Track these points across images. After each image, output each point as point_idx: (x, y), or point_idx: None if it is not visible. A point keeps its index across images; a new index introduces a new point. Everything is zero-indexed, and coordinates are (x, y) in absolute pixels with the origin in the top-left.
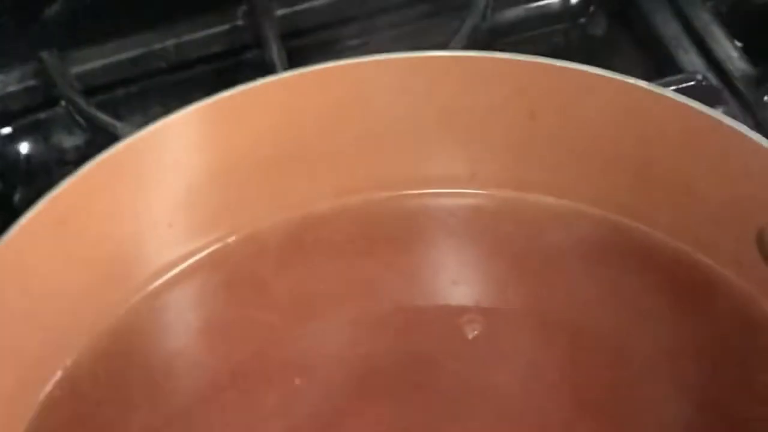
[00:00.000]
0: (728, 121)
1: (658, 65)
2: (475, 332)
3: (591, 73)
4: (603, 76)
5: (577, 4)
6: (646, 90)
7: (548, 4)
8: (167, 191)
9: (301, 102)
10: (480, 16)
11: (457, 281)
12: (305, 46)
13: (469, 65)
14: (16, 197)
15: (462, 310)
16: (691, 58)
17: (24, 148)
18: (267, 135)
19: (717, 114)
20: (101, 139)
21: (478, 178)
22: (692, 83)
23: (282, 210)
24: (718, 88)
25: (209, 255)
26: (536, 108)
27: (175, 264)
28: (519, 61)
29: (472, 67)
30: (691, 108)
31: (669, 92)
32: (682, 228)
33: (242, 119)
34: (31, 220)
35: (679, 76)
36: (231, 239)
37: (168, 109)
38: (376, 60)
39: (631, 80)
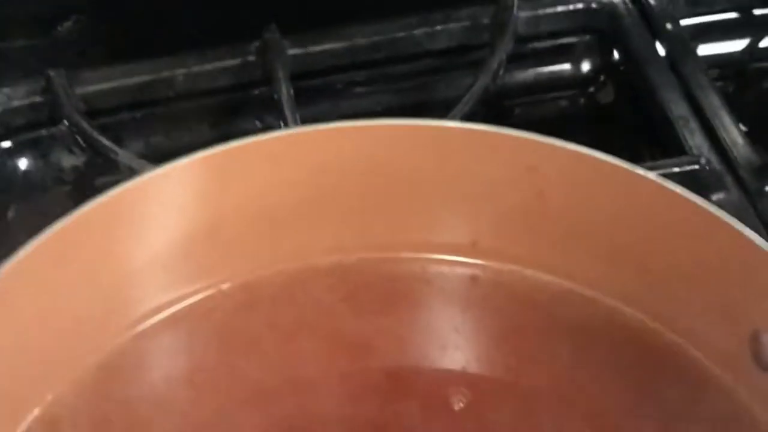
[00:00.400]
0: (730, 219)
1: (663, 142)
2: (461, 404)
3: (602, 160)
4: (613, 165)
5: (588, 73)
6: (654, 183)
7: (560, 71)
8: (165, 235)
9: (307, 158)
10: (491, 77)
11: (445, 347)
12: (313, 87)
13: (481, 138)
14: (10, 214)
15: (449, 377)
16: (696, 140)
17: (22, 164)
18: (269, 187)
19: (719, 212)
20: (100, 161)
21: (479, 248)
22: (696, 167)
23: (278, 262)
24: (721, 173)
25: (201, 301)
26: (545, 187)
27: (167, 306)
28: (532, 140)
29: (484, 141)
30: (697, 205)
31: (677, 188)
32: (677, 321)
33: (246, 171)
34: (27, 256)
35: (683, 158)
36: (225, 286)
37: (170, 138)
38: (386, 124)
39: (641, 171)
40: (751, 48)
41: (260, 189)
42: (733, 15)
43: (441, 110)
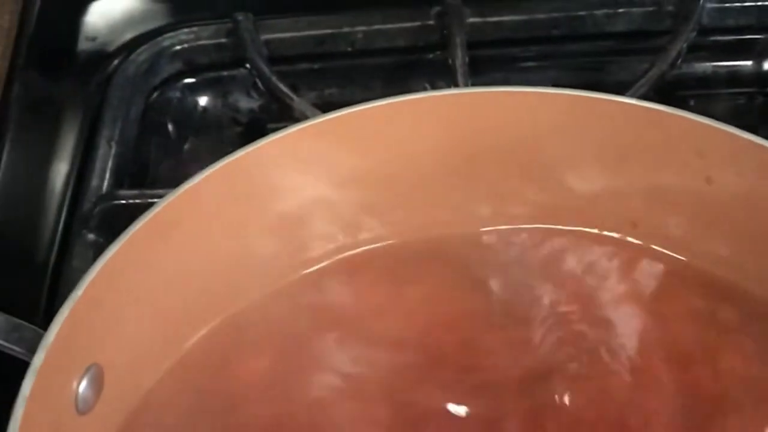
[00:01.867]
0: None
1: None
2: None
3: None
4: None
5: None
6: None
7: (740, 67)
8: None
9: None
10: (669, 64)
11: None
12: (487, 57)
13: (654, 117)
14: (186, 147)
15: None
16: None
17: (202, 101)
18: (438, 145)
19: None
20: (275, 107)
21: (640, 230)
22: None
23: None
24: None
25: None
26: (713, 174)
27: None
28: (704, 123)
29: (653, 119)
30: None
31: None
32: None
33: (417, 126)
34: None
35: None
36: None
37: (343, 92)
38: (564, 93)
39: None
40: None
41: (430, 145)
42: None
43: (612, 93)
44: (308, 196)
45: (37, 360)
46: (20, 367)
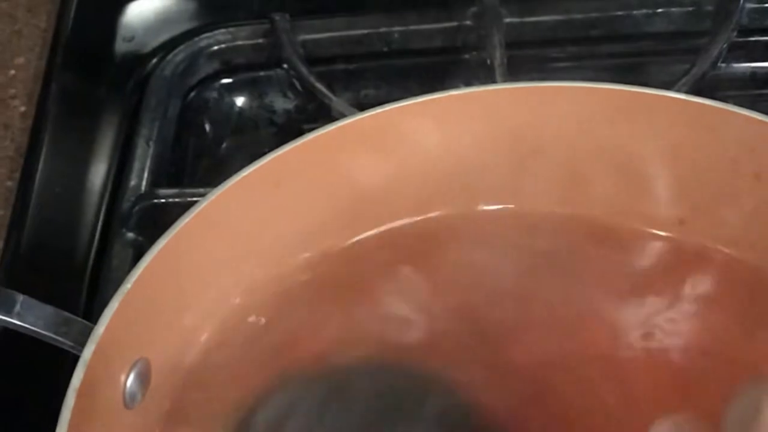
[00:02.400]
0: None
1: None
2: None
3: None
4: None
5: None
6: None
7: None
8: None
9: (521, 114)
10: (710, 64)
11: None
12: (524, 57)
13: (699, 112)
14: (223, 146)
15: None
16: None
17: (239, 101)
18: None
19: None
20: (311, 108)
21: (687, 227)
22: None
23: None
24: None
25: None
26: (763, 170)
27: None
28: (755, 119)
29: (703, 115)
30: None
31: None
32: None
33: (461, 120)
34: (249, 176)
35: None
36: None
37: (379, 92)
38: (608, 88)
39: None
40: None
41: (473, 139)
42: None
43: None
44: (355, 187)
45: (87, 353)
46: (69, 361)
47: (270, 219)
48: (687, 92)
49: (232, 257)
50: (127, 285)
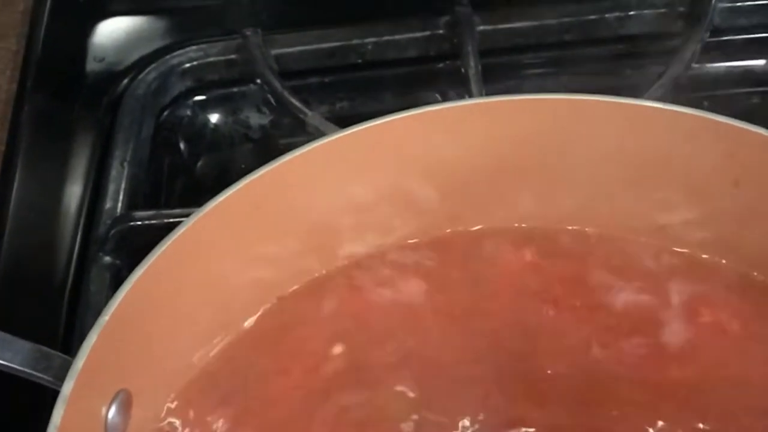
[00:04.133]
0: None
1: None
2: None
3: None
4: None
5: None
6: None
7: (753, 66)
8: (353, 192)
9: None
10: (685, 65)
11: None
12: (498, 64)
13: (674, 119)
14: (199, 164)
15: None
16: None
17: (213, 118)
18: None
19: None
20: (286, 122)
21: (668, 233)
22: None
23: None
24: None
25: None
26: (741, 175)
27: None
28: (734, 126)
29: (678, 122)
30: None
31: None
32: None
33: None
34: (228, 199)
35: None
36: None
37: (355, 104)
38: (586, 99)
39: None
40: None
41: (446, 155)
42: None
43: (628, 97)
44: (335, 204)
45: (66, 388)
46: (48, 396)
47: (251, 242)
48: (663, 94)
49: (212, 284)
50: (105, 317)
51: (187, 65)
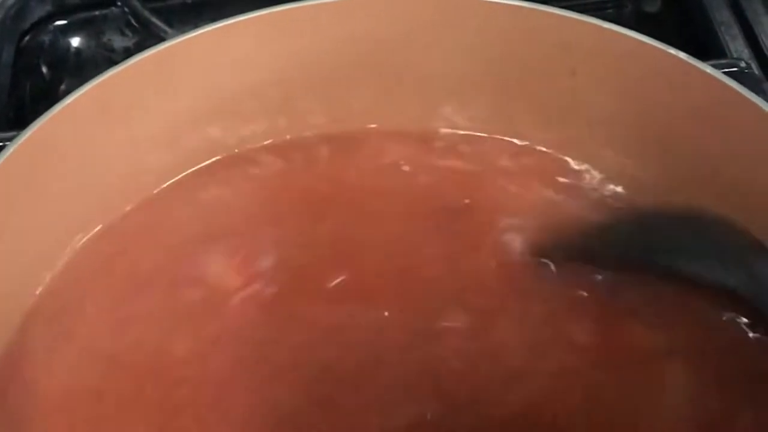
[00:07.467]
0: (758, 101)
1: (705, 48)
2: None
3: (635, 39)
4: (645, 43)
5: None
6: (684, 62)
7: None
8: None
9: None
10: None
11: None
12: None
13: (515, 15)
14: (62, 88)
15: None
16: (737, 45)
17: (75, 42)
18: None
19: (750, 94)
20: (151, 43)
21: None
22: (735, 69)
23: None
24: (760, 78)
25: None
26: (577, 66)
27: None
28: (567, 17)
29: (518, 18)
30: (727, 86)
31: (707, 67)
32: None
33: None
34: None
35: (723, 61)
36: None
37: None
38: None
39: (672, 51)
40: None
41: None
42: None
43: None
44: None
45: None
46: None
47: (99, 147)
48: None
49: (65, 189)
50: None
51: None
